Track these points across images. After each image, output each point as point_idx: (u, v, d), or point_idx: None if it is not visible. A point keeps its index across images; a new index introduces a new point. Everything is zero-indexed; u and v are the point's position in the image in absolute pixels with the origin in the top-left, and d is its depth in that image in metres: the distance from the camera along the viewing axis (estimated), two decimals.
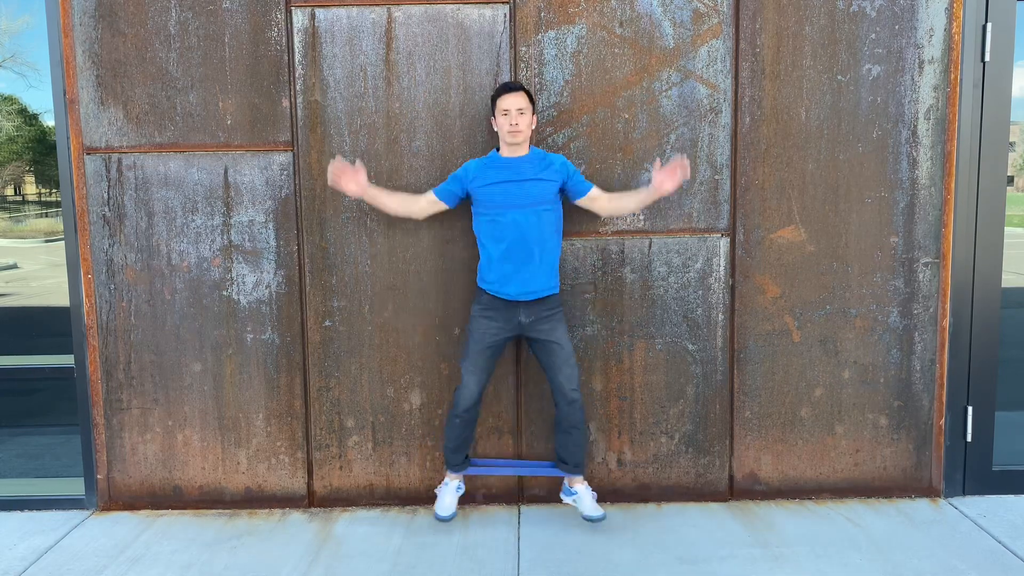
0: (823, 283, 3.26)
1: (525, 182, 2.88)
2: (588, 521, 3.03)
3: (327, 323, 3.28)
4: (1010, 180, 3.38)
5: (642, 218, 3.23)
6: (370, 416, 3.33)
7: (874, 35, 3.16)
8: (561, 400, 2.97)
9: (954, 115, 3.19)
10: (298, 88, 3.18)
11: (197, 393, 3.33)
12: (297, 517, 3.28)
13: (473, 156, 3.17)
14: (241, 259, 3.26)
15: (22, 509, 3.38)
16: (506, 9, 3.14)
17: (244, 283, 3.27)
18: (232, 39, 3.17)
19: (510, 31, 3.15)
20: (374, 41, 3.16)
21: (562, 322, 2.99)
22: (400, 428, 3.33)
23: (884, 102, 3.18)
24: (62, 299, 3.35)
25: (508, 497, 3.36)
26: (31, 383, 4.49)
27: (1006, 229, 3.29)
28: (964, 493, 3.35)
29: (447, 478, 3.15)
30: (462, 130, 3.19)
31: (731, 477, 3.36)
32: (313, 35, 3.16)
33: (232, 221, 3.25)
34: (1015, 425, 3.66)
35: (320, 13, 3.15)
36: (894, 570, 2.74)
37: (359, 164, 2.97)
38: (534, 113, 2.96)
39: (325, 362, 3.30)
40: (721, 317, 3.27)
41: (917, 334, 3.29)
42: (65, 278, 3.30)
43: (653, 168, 2.93)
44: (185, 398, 3.33)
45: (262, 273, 3.27)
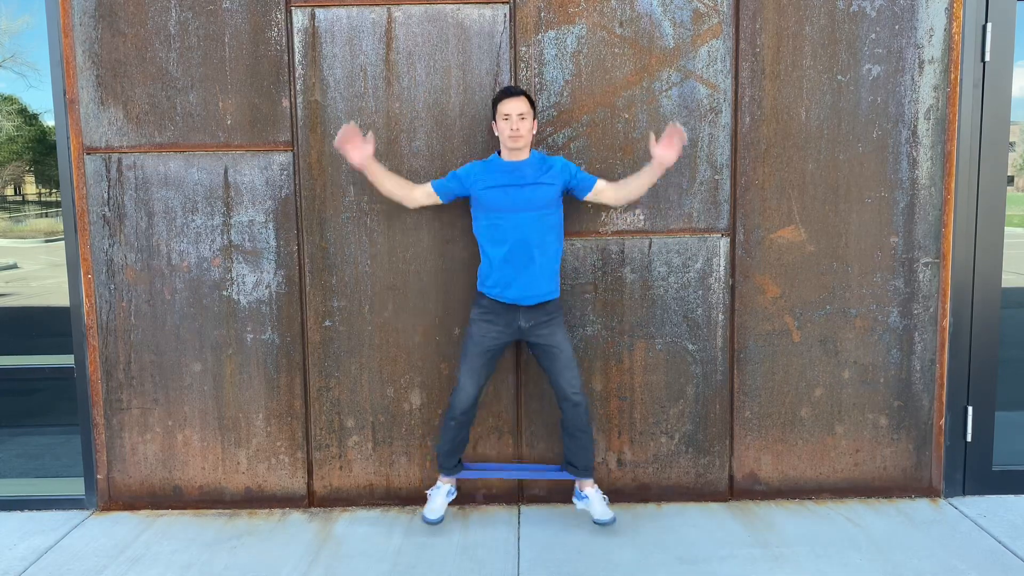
0: (823, 283, 3.26)
1: (526, 186, 2.88)
2: (597, 525, 3.01)
3: (327, 323, 3.28)
4: (1010, 180, 3.38)
5: (642, 218, 3.23)
6: (370, 416, 3.33)
7: (874, 35, 3.16)
8: (565, 403, 2.97)
9: (954, 115, 3.19)
10: (298, 88, 3.18)
11: (197, 393, 3.33)
12: (297, 517, 3.28)
13: (473, 156, 3.18)
14: (241, 259, 3.27)
15: (22, 509, 3.38)
16: (506, 9, 3.14)
17: (244, 283, 3.27)
18: (232, 39, 3.17)
19: (510, 31, 3.15)
20: (374, 41, 3.16)
21: (561, 326, 2.98)
22: (400, 428, 3.33)
23: (884, 102, 3.18)
24: (62, 299, 3.35)
25: (508, 497, 3.36)
26: (31, 383, 4.50)
27: (1006, 229, 3.29)
28: (964, 493, 3.35)
29: (439, 481, 3.14)
30: (462, 130, 3.19)
31: (731, 477, 3.36)
32: (313, 35, 3.16)
33: (232, 221, 3.25)
34: (1015, 425, 3.66)
35: (320, 13, 3.15)
36: (894, 570, 2.74)
37: (370, 136, 2.93)
38: (535, 118, 2.95)
39: (325, 362, 3.30)
40: (721, 317, 3.27)
41: (917, 334, 3.29)
42: (65, 278, 3.30)
43: (650, 145, 2.89)
44: (185, 398, 3.33)
45: (262, 273, 3.27)
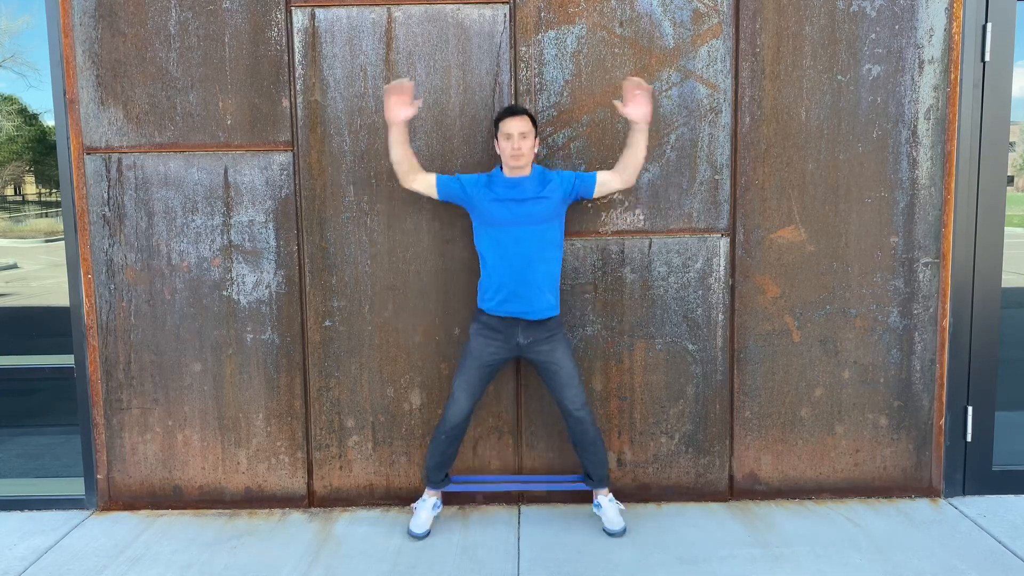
0: (823, 283, 3.26)
1: (527, 201, 2.87)
2: (608, 535, 3.02)
3: (327, 323, 3.28)
4: (1010, 180, 3.38)
5: (642, 218, 3.23)
6: (370, 416, 3.33)
7: (874, 35, 3.16)
8: (569, 419, 2.98)
9: (954, 115, 3.19)
10: (298, 88, 3.18)
11: (197, 393, 3.33)
12: (297, 517, 3.28)
13: (473, 156, 3.18)
14: (241, 259, 3.27)
15: (22, 509, 3.38)
16: (506, 9, 3.14)
17: (244, 283, 3.27)
18: (232, 39, 3.17)
19: (510, 31, 3.15)
20: (374, 41, 3.16)
21: (563, 343, 2.96)
22: (400, 428, 3.33)
23: (884, 102, 3.18)
24: (62, 299, 3.35)
25: (508, 497, 3.36)
26: (31, 383, 4.50)
27: (1006, 229, 3.29)
28: (964, 493, 3.35)
29: (425, 494, 3.11)
30: (462, 130, 3.19)
31: (731, 477, 3.36)
32: (313, 35, 3.16)
33: (232, 221, 3.25)
34: (1015, 425, 3.66)
35: (320, 13, 3.15)
36: (894, 570, 2.74)
37: (417, 102, 2.84)
38: (536, 136, 2.93)
39: (325, 362, 3.30)
40: (721, 317, 3.27)
41: (917, 334, 3.29)
42: (65, 278, 3.30)
43: (618, 108, 2.84)
44: (185, 398, 3.33)
45: (262, 273, 3.27)
